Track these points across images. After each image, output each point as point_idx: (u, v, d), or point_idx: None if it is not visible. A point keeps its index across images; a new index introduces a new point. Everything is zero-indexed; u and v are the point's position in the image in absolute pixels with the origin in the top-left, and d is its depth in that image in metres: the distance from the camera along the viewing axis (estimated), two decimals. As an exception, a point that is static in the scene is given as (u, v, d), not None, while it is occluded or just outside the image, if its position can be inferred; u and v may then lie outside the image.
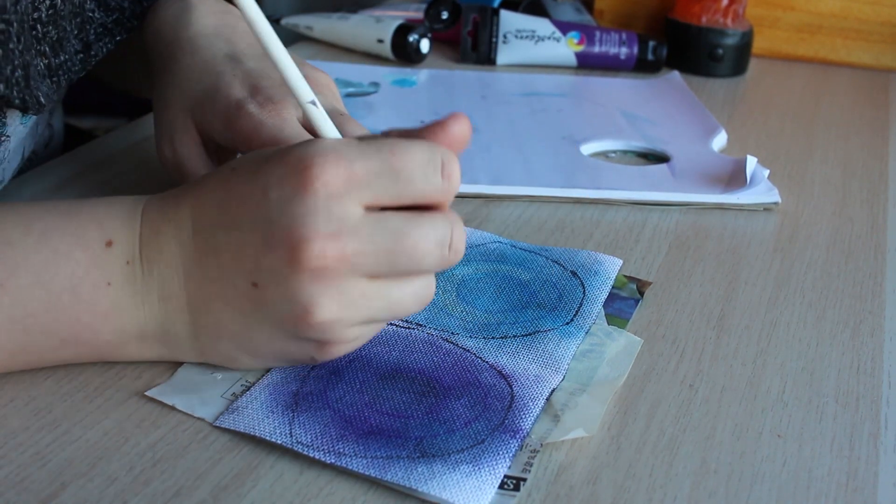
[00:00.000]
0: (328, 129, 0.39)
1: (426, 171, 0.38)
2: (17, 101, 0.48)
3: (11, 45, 0.46)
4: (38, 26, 0.50)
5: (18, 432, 0.39)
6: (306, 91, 0.38)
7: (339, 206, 0.37)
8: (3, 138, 0.55)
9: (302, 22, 0.98)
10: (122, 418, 0.41)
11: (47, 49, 0.51)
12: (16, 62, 0.47)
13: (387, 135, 0.43)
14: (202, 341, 0.41)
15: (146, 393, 0.42)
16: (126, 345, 0.41)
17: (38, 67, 0.51)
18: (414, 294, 0.40)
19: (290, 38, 1.01)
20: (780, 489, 0.39)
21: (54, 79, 0.53)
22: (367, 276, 0.38)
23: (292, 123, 0.49)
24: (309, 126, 0.49)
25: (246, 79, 0.51)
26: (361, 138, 0.40)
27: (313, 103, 0.38)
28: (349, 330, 0.40)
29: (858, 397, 0.46)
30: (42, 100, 0.50)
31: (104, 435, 0.40)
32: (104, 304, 0.40)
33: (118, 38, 0.58)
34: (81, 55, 0.55)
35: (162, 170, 0.54)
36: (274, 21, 1.00)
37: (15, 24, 0.46)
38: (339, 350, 0.41)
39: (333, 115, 0.50)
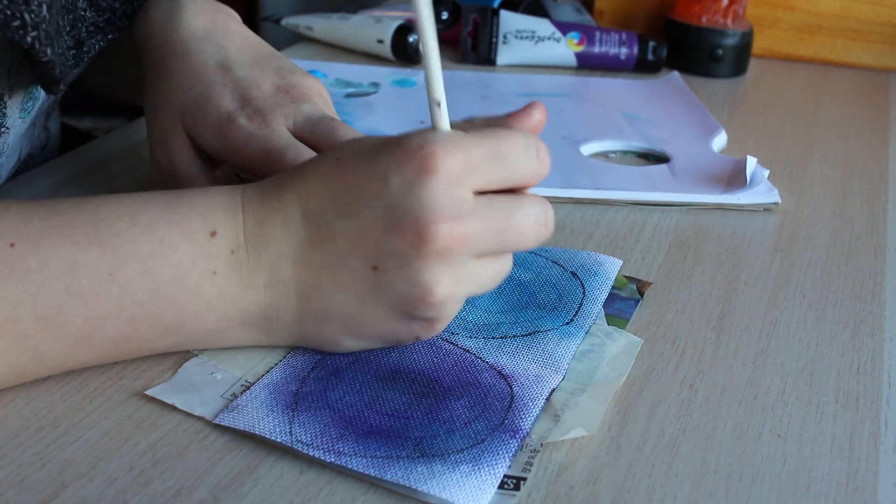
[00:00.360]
0: (444, 127, 0.42)
1: (527, 155, 0.41)
2: (57, 72, 0.49)
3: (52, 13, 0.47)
4: None
5: (18, 432, 0.39)
6: (437, 90, 0.41)
7: (458, 190, 0.39)
8: (2, 129, 0.55)
9: (302, 22, 0.98)
10: (122, 418, 0.41)
11: None
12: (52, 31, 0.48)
13: (470, 122, 0.47)
14: (306, 325, 0.43)
15: (146, 392, 0.42)
16: (226, 332, 0.43)
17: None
18: (499, 271, 0.43)
19: (290, 39, 1.01)
20: (780, 489, 0.39)
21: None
22: (476, 255, 0.41)
23: (281, 133, 0.50)
24: (300, 134, 0.51)
25: (236, 89, 0.52)
26: (464, 129, 0.43)
27: (438, 104, 0.41)
28: (455, 306, 0.42)
29: (858, 397, 0.46)
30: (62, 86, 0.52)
31: (104, 435, 0.40)
32: (210, 292, 0.41)
33: (110, 37, 0.59)
34: (74, 51, 0.55)
35: (162, 170, 0.54)
36: (274, 21, 1.00)
37: None
38: (441, 327, 0.44)
39: (325, 120, 0.50)
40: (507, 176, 0.41)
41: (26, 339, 0.39)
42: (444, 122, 0.41)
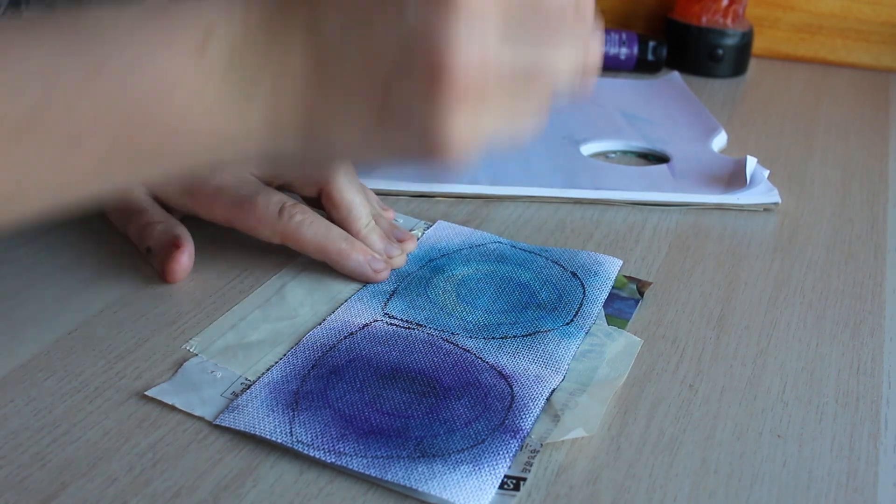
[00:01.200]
0: None
1: None
2: None
3: None
4: None
5: (18, 432, 0.39)
6: None
7: (481, 25, 0.36)
8: None
9: (302, 22, 0.98)
10: (122, 418, 0.41)
11: None
12: None
13: None
14: (309, 144, 0.40)
15: (146, 393, 0.42)
16: (224, 147, 0.39)
17: None
18: (533, 111, 0.40)
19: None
20: (780, 489, 0.39)
21: None
22: (498, 100, 0.38)
23: (247, 181, 0.51)
24: (265, 176, 0.52)
25: None
26: None
27: None
28: (474, 147, 0.39)
29: (858, 397, 0.46)
30: None
31: (104, 435, 0.40)
32: (205, 100, 0.37)
33: None
34: None
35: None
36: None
37: None
38: (459, 159, 0.40)
39: None
40: (534, 13, 0.38)
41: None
42: None
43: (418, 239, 0.56)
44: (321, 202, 0.52)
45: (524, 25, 0.38)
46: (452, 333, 0.47)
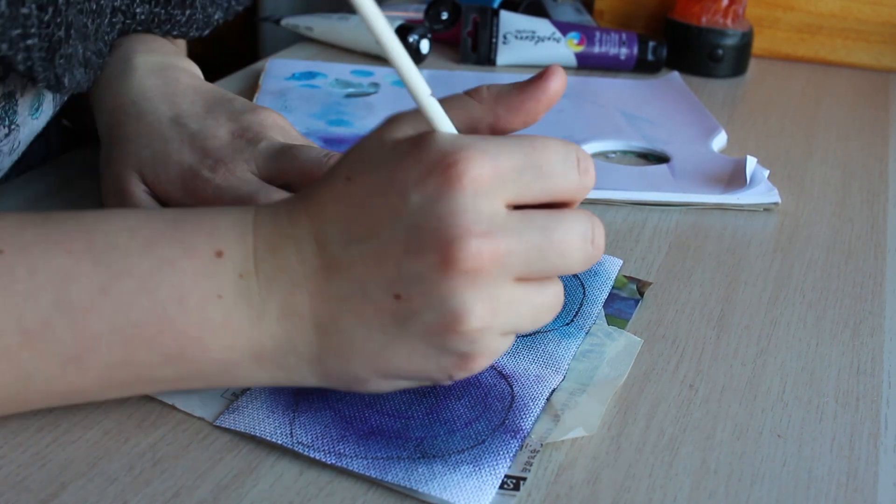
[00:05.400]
0: (444, 124, 0.37)
1: (565, 166, 0.37)
2: (40, 76, 0.49)
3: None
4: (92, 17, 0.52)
5: (18, 432, 0.39)
6: (423, 88, 0.37)
7: (488, 203, 0.35)
8: (13, 127, 0.56)
9: (302, 22, 0.98)
10: (122, 418, 0.41)
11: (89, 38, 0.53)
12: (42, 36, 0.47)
13: (476, 92, 0.40)
14: (329, 364, 0.38)
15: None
16: (237, 365, 0.38)
17: (78, 56, 0.52)
18: (549, 303, 0.38)
19: (290, 39, 1.01)
20: (780, 489, 0.39)
21: (89, 69, 0.54)
22: (514, 279, 0.37)
23: (247, 180, 0.50)
24: (265, 174, 0.51)
25: (193, 142, 0.52)
26: (469, 104, 0.39)
27: (431, 95, 0.37)
28: (494, 340, 0.37)
29: (858, 397, 0.46)
30: (66, 83, 0.51)
31: (104, 435, 0.40)
32: (214, 318, 0.37)
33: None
34: (103, 49, 0.57)
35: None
36: (274, 21, 1.00)
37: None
38: (479, 364, 0.38)
39: (283, 151, 0.51)
40: (542, 188, 0.37)
41: (10, 355, 0.36)
42: (443, 119, 0.37)
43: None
44: None
45: (527, 192, 0.36)
46: (452, 333, 0.47)
